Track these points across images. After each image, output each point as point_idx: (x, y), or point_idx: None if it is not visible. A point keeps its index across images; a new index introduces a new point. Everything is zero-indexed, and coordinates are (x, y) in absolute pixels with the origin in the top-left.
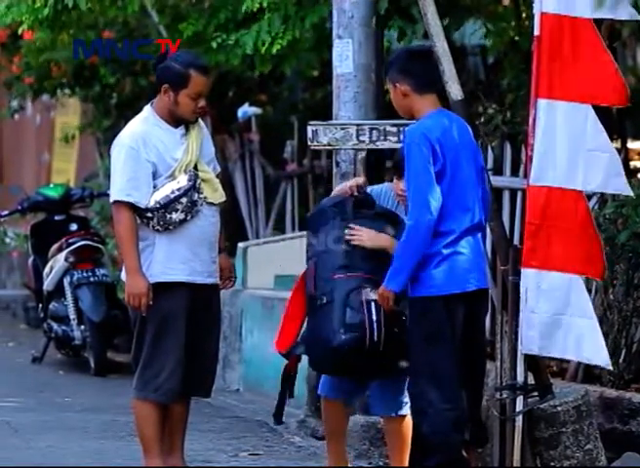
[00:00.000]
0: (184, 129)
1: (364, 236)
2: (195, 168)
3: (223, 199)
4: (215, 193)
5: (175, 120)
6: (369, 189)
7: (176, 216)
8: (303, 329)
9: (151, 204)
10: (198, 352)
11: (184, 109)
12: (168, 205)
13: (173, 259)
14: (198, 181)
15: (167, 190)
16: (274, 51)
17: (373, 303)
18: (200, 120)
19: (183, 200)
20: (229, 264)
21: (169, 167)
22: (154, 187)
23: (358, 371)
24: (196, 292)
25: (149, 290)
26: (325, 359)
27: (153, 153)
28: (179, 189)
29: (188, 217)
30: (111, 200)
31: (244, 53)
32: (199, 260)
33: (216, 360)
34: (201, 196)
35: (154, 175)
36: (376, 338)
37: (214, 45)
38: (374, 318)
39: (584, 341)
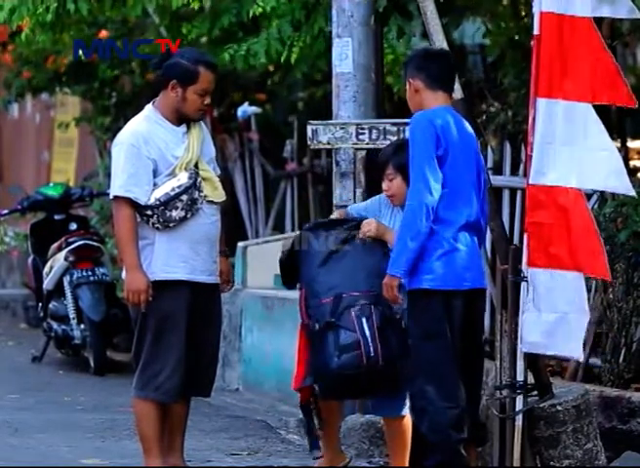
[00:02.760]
0: (185, 127)
1: (371, 227)
2: (196, 166)
3: (224, 198)
4: (215, 192)
5: (178, 118)
6: (363, 205)
7: (176, 214)
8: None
9: (151, 201)
10: (199, 351)
11: (191, 106)
12: (168, 202)
13: (173, 258)
14: (199, 180)
15: (167, 188)
16: (293, 61)
17: (364, 319)
18: (201, 121)
19: (184, 197)
20: (228, 268)
21: (169, 164)
22: (155, 185)
23: (366, 391)
24: (197, 291)
25: (149, 286)
26: (329, 385)
27: (154, 151)
28: (179, 187)
29: (188, 215)
30: (111, 196)
31: (259, 62)
32: (200, 259)
33: (216, 359)
34: (201, 194)
35: (155, 173)
36: (372, 353)
37: (226, 56)
38: (367, 333)
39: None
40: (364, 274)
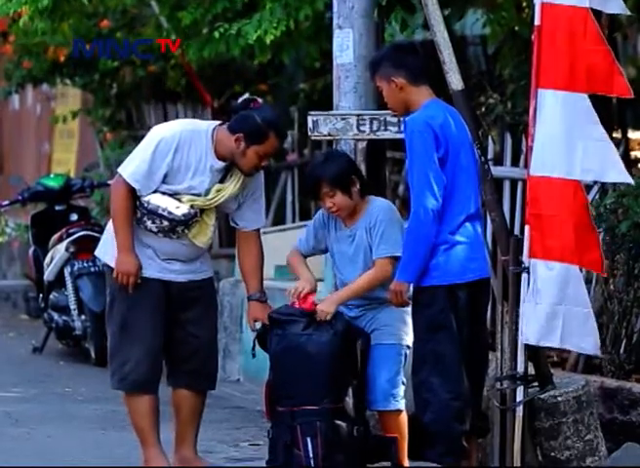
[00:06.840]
0: (222, 165)
1: (326, 312)
2: (202, 210)
3: (206, 247)
4: (200, 237)
5: (225, 161)
6: (312, 233)
7: (149, 226)
8: None
9: (142, 199)
10: (189, 346)
11: (247, 163)
12: (151, 213)
13: (142, 255)
14: (193, 220)
15: (162, 203)
16: (268, 41)
17: (309, 439)
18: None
19: (165, 223)
20: (264, 314)
21: (179, 183)
22: (155, 189)
23: None
24: (172, 289)
25: (139, 269)
26: None
27: (178, 160)
28: (170, 213)
29: (160, 235)
30: (119, 170)
31: (246, 43)
32: (168, 264)
33: (213, 352)
34: (186, 231)
35: (163, 178)
36: None
37: (216, 35)
38: (310, 454)
39: (579, 330)
40: (323, 380)
